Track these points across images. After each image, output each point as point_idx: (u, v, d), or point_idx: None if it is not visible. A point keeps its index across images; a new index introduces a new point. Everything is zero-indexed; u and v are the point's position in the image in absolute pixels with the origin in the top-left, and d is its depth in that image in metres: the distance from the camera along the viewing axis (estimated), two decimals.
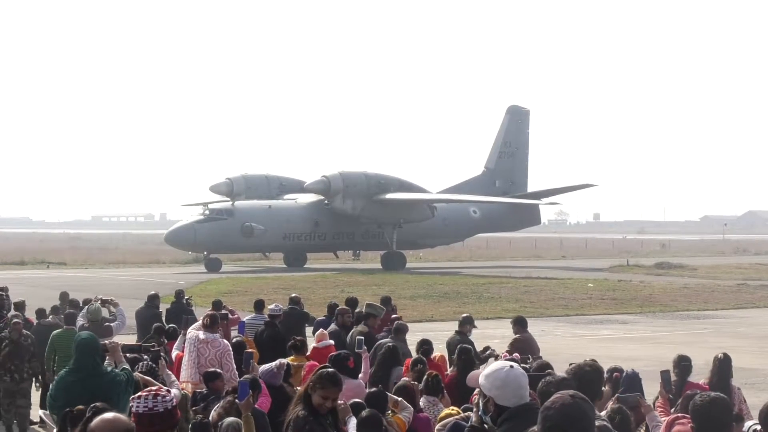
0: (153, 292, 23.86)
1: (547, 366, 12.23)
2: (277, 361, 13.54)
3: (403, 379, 12.82)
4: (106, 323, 18.94)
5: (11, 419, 18.41)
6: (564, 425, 5.55)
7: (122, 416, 5.79)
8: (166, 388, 7.84)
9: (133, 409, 7.22)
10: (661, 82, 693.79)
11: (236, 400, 10.47)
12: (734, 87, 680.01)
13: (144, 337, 20.38)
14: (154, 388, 7.52)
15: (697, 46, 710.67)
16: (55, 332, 18.45)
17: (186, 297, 24.97)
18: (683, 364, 13.54)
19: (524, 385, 6.68)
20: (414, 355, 15.24)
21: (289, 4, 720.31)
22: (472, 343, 16.32)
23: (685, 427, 8.43)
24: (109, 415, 5.79)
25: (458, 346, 14.99)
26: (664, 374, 11.49)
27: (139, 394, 7.34)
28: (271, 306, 20.33)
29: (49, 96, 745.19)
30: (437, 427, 9.90)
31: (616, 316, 41.33)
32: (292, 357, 15.56)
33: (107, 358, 11.81)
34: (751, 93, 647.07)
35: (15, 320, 18.86)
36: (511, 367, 6.68)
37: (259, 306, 22.38)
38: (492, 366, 6.82)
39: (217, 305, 21.13)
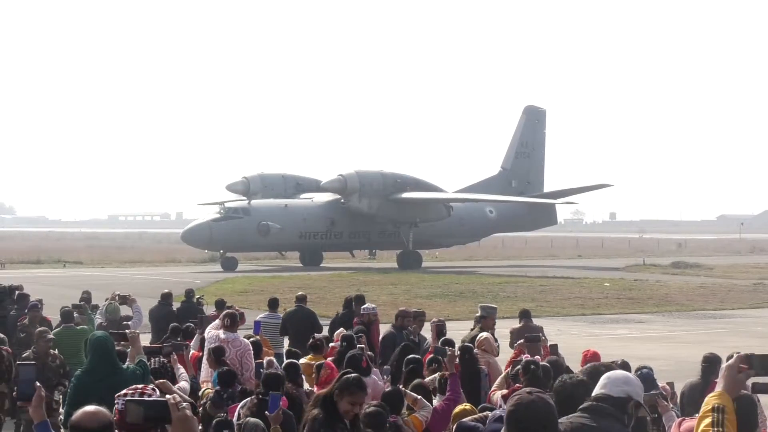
0: (166, 291, 23.95)
1: (561, 364, 12.28)
2: (265, 360, 13.57)
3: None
4: (125, 322, 19.00)
5: None
6: (526, 423, 5.66)
7: (104, 409, 5.79)
8: (151, 386, 7.82)
9: (118, 407, 7.22)
10: (678, 81, 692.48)
11: (266, 412, 10.45)
12: (750, 86, 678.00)
13: (157, 335, 20.46)
14: (140, 386, 7.55)
15: (713, 46, 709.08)
16: (53, 331, 18.44)
17: (197, 296, 25.04)
18: (704, 365, 13.56)
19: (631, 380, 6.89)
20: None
21: (307, 3, 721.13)
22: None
23: (693, 421, 8.45)
24: (91, 407, 5.81)
25: (460, 345, 15.03)
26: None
27: (125, 391, 7.35)
28: (365, 305, 20.16)
29: (66, 96, 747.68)
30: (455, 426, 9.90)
31: (632, 315, 41.29)
32: (310, 356, 15.56)
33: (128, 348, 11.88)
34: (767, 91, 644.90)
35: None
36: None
37: (273, 304, 22.32)
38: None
39: (219, 305, 21.10)
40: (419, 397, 11.65)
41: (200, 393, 13.39)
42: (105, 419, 5.72)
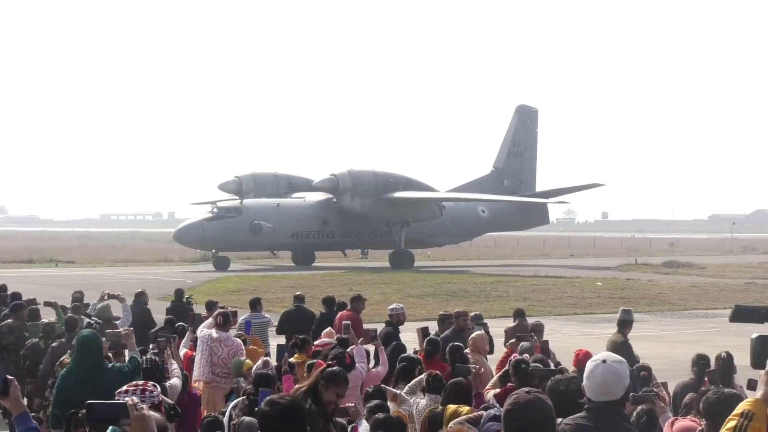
0: (140, 290, 24.16)
1: (547, 363, 12.32)
2: (261, 360, 13.59)
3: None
4: (114, 321, 18.98)
5: None
6: (522, 422, 5.67)
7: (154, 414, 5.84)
8: (152, 383, 7.84)
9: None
10: (669, 81, 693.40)
11: (255, 409, 10.46)
12: (742, 86, 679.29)
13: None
14: (140, 382, 7.55)
15: (704, 46, 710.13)
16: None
17: (186, 296, 25.08)
18: (701, 362, 13.61)
19: (608, 381, 6.68)
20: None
21: (297, 3, 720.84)
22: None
23: (685, 421, 8.49)
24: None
25: (449, 345, 15.00)
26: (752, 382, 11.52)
27: (126, 388, 7.35)
28: (392, 305, 20.10)
29: (58, 95, 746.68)
30: (450, 424, 9.94)
31: None
32: (296, 355, 15.55)
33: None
34: (759, 91, 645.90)
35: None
36: (603, 361, 6.71)
37: (254, 305, 22.17)
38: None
39: (210, 306, 21.07)
40: (398, 392, 11.79)
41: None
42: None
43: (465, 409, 10.32)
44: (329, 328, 18.11)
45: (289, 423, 6.34)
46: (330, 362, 11.54)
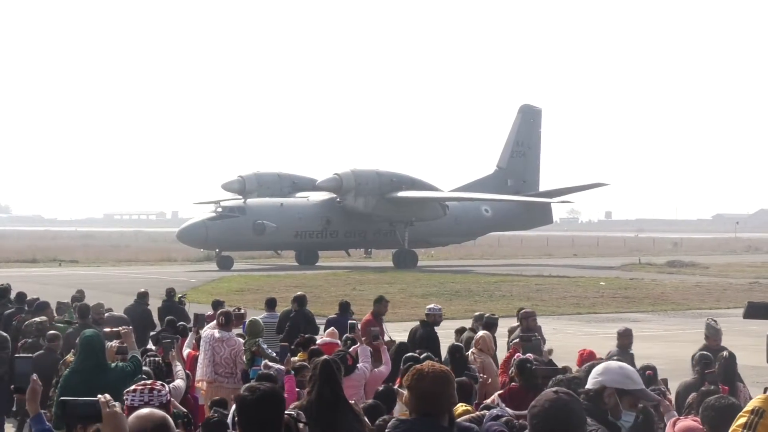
0: (142, 290, 24.17)
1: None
2: (263, 362, 13.57)
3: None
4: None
5: None
6: (551, 423, 5.62)
7: (157, 411, 5.80)
8: (161, 382, 7.85)
9: (128, 403, 7.26)
10: (673, 80, 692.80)
11: None
12: (746, 85, 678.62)
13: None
14: (149, 382, 7.57)
15: (708, 46, 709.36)
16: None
17: (179, 295, 25.10)
18: (704, 362, 13.61)
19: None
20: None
21: (301, 3, 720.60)
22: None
23: (687, 421, 8.50)
24: (144, 411, 5.82)
25: (450, 345, 15.01)
26: None
27: (134, 387, 7.39)
28: (431, 306, 20.06)
29: (62, 95, 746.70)
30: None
31: (627, 314, 41.27)
32: (300, 354, 15.55)
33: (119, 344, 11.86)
34: (763, 91, 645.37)
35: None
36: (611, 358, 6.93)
37: (270, 304, 22.27)
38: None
39: (216, 305, 21.10)
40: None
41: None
42: (159, 419, 5.69)
43: (461, 408, 10.32)
44: (332, 327, 18.07)
45: (266, 411, 6.24)
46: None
